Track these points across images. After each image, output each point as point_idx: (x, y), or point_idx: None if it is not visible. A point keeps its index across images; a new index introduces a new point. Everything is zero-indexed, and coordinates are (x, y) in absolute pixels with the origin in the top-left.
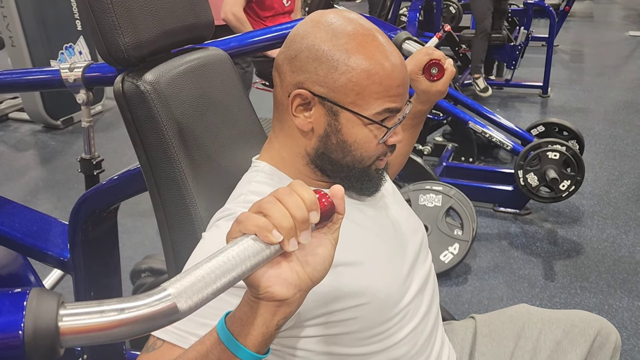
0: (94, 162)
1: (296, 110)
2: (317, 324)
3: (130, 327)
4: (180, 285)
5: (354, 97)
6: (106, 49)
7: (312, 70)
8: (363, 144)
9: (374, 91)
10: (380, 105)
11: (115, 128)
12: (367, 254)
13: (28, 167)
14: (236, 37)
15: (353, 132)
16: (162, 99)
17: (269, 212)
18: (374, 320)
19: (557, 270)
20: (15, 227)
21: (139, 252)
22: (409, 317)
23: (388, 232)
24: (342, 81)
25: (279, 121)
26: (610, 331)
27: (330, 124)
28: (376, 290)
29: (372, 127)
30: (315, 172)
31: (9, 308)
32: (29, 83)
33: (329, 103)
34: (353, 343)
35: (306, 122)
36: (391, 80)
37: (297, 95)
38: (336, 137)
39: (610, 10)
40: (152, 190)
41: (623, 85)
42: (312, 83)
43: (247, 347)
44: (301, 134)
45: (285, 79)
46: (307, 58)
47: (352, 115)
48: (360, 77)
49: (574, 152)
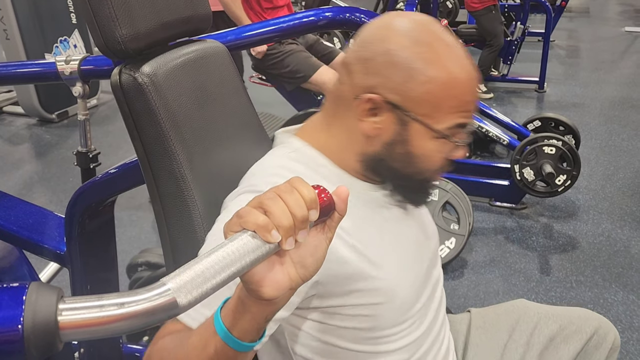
0: (90, 155)
1: (363, 115)
2: (332, 311)
3: (129, 321)
4: (180, 280)
5: (429, 109)
6: (103, 41)
7: (388, 76)
8: (429, 157)
9: (450, 105)
10: (453, 119)
11: (110, 122)
12: (392, 255)
13: (23, 161)
14: (233, 30)
15: (420, 144)
16: (160, 92)
17: (269, 209)
18: (386, 322)
19: (553, 264)
20: (11, 220)
21: (134, 245)
22: (418, 322)
23: (413, 235)
24: (419, 92)
25: (336, 116)
26: (609, 331)
27: (399, 133)
28: (394, 294)
29: (441, 141)
30: (366, 170)
31: (8, 302)
32: (25, 76)
33: (400, 112)
34: (361, 340)
35: (372, 127)
36: (468, 95)
37: (368, 100)
38: (402, 147)
39: (607, 6)
40: (149, 183)
41: (619, 81)
42: (386, 90)
43: (239, 339)
44: (363, 137)
45: (356, 80)
46: (384, 63)
47: (422, 127)
48: (438, 90)
49: (570, 147)
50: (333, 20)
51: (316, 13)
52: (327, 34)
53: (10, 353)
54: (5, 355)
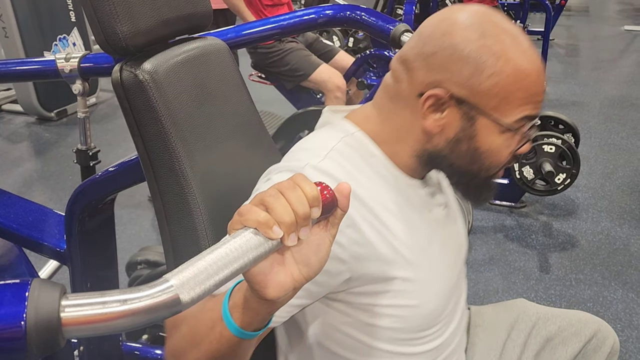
0: (90, 153)
1: (427, 111)
2: (364, 308)
3: (132, 318)
4: (183, 277)
5: (498, 103)
6: (104, 37)
7: (455, 70)
8: (496, 152)
9: (519, 97)
10: (522, 112)
11: (109, 120)
12: (428, 258)
13: (22, 159)
14: (233, 28)
15: (488, 139)
16: (161, 89)
17: (271, 205)
18: (416, 325)
19: (552, 263)
20: (10, 217)
21: (134, 243)
22: (444, 328)
23: (448, 242)
24: (488, 85)
25: (392, 113)
26: (608, 335)
27: (465, 129)
28: (427, 298)
29: (508, 135)
30: (420, 165)
31: (10, 299)
32: (25, 73)
33: (467, 107)
34: (389, 340)
35: (436, 124)
36: (537, 86)
37: (433, 96)
38: (468, 143)
39: (606, 5)
40: (150, 180)
41: (618, 80)
42: (452, 84)
43: (242, 328)
44: (424, 135)
45: (417, 76)
46: (449, 57)
47: (490, 121)
48: (508, 82)
49: (570, 146)
50: (333, 18)
51: (316, 11)
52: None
53: (13, 350)
54: (8, 352)
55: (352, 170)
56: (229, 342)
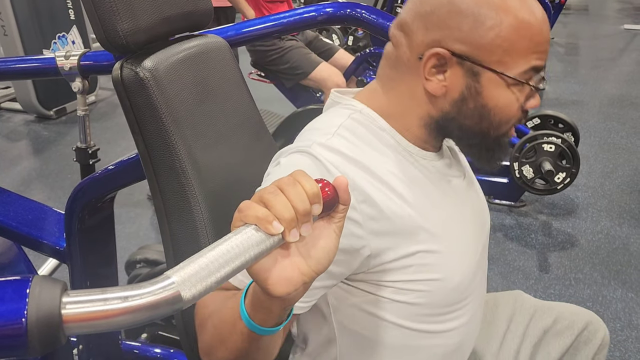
0: (89, 151)
1: (430, 73)
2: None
3: (133, 315)
4: (184, 274)
5: (501, 55)
6: (104, 35)
7: (455, 26)
8: (504, 107)
9: (523, 47)
10: (527, 63)
11: (108, 118)
12: (450, 230)
13: (21, 158)
14: (233, 26)
15: (495, 94)
16: (161, 86)
17: (270, 202)
18: (440, 300)
19: (552, 262)
20: (10, 215)
21: (133, 242)
22: (469, 306)
23: (470, 215)
24: (490, 37)
25: (394, 81)
26: (599, 327)
27: (470, 86)
28: (451, 272)
29: (515, 88)
30: (430, 135)
31: (11, 295)
32: (24, 71)
33: (469, 63)
34: (412, 317)
35: (440, 85)
36: (540, 35)
37: (433, 56)
38: (474, 101)
39: (606, 3)
40: (150, 178)
41: (618, 79)
42: (453, 40)
43: (260, 325)
44: (429, 99)
45: (416, 38)
46: (448, 13)
47: (495, 75)
48: (510, 32)
49: (570, 145)
50: (333, 16)
51: (316, 9)
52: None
53: (14, 347)
54: (9, 349)
55: (362, 146)
56: (251, 338)
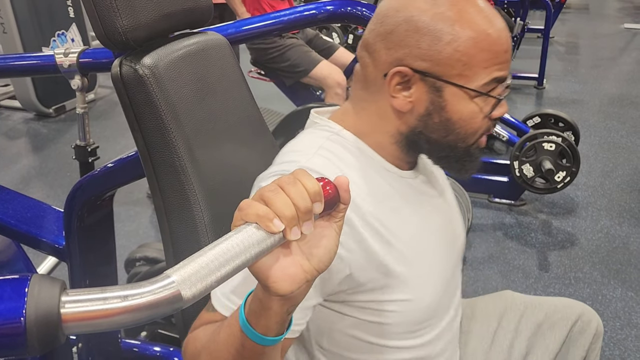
0: (88, 149)
1: (394, 90)
2: (363, 305)
3: (133, 314)
4: (184, 273)
5: (461, 69)
6: (104, 32)
7: (414, 44)
8: (469, 120)
9: (482, 59)
10: (488, 74)
11: (108, 116)
12: (423, 251)
13: (20, 155)
14: (234, 23)
15: (458, 108)
16: (161, 83)
17: (270, 200)
18: (411, 319)
19: (552, 261)
20: (9, 213)
21: (132, 240)
22: (438, 319)
23: (443, 233)
24: (448, 52)
25: (364, 101)
26: (592, 318)
27: (433, 101)
28: (423, 290)
29: (479, 100)
30: (402, 151)
31: (9, 294)
32: (23, 68)
33: (431, 79)
34: (385, 335)
35: (405, 102)
36: (499, 46)
37: (396, 74)
38: (439, 115)
39: (606, 3)
40: (150, 177)
41: (618, 78)
42: (413, 58)
43: (264, 335)
44: (396, 115)
45: (380, 58)
46: (406, 31)
47: (457, 89)
48: (467, 46)
49: (570, 143)
50: (334, 14)
51: (317, 6)
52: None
53: (13, 346)
54: (8, 348)
55: (341, 166)
56: (254, 353)
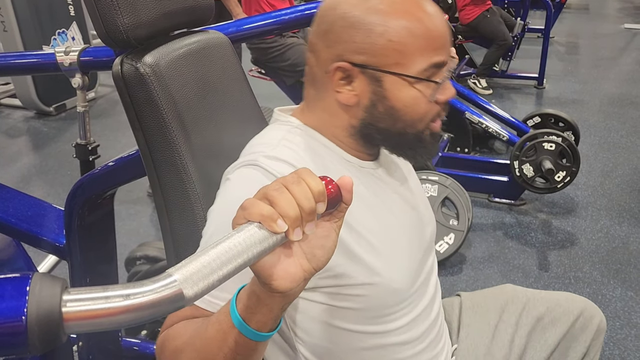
0: (89, 148)
1: (338, 86)
2: (328, 291)
3: (135, 313)
4: (186, 272)
5: (397, 57)
6: (105, 30)
7: (349, 39)
8: (412, 106)
9: (417, 46)
10: (425, 61)
11: (108, 115)
12: (388, 237)
13: (20, 154)
14: (234, 22)
15: (400, 95)
16: (162, 82)
17: (275, 199)
18: (380, 303)
19: (551, 260)
20: (9, 212)
21: (132, 239)
22: (412, 305)
23: (408, 220)
24: (382, 43)
25: (316, 99)
26: (595, 313)
27: (375, 92)
28: (390, 277)
29: (420, 86)
30: (359, 143)
31: (11, 293)
32: (24, 66)
33: (370, 70)
34: (356, 320)
35: (350, 95)
36: (432, 31)
37: (337, 69)
38: (383, 105)
39: (606, 3)
40: (151, 175)
41: (618, 78)
42: (351, 52)
43: (257, 330)
44: (344, 110)
45: (322, 56)
46: (341, 28)
47: (396, 77)
48: (400, 35)
49: (570, 143)
50: None
51: (317, 6)
52: None
53: (14, 345)
54: (9, 347)
55: (304, 156)
56: (245, 348)
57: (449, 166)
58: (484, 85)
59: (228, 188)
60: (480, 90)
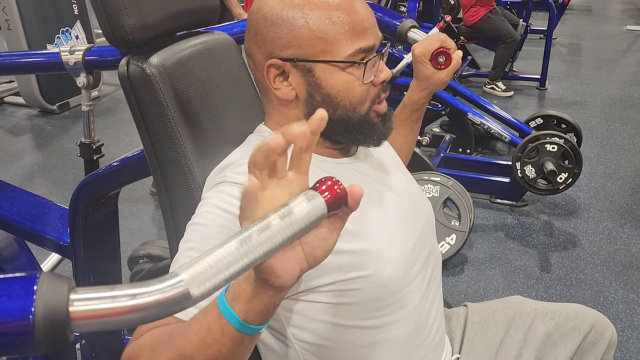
0: (93, 147)
1: (275, 83)
2: (326, 289)
3: (142, 313)
4: (193, 271)
5: (322, 46)
6: (111, 30)
7: (274, 36)
8: (347, 90)
9: (339, 33)
10: (351, 46)
11: (112, 114)
12: (374, 227)
13: (24, 152)
14: (239, 22)
15: (333, 82)
16: (168, 83)
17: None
18: (376, 295)
19: (553, 262)
20: (13, 210)
21: (135, 237)
22: (410, 297)
23: (404, 209)
24: (304, 34)
25: (266, 102)
26: (606, 327)
27: (309, 82)
28: (381, 267)
29: (351, 69)
30: (322, 140)
31: (18, 292)
32: (29, 65)
33: (300, 62)
34: (353, 315)
35: (287, 90)
36: (352, 16)
37: (269, 67)
38: (319, 93)
39: (609, 4)
40: (156, 175)
41: (620, 79)
42: (279, 49)
43: (248, 322)
44: (287, 106)
45: (256, 59)
46: (265, 27)
47: (325, 65)
48: (320, 23)
49: (572, 145)
50: None
51: None
52: None
53: (21, 344)
54: (16, 346)
55: None
56: (231, 340)
57: (450, 167)
58: (503, 88)
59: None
60: (501, 94)
